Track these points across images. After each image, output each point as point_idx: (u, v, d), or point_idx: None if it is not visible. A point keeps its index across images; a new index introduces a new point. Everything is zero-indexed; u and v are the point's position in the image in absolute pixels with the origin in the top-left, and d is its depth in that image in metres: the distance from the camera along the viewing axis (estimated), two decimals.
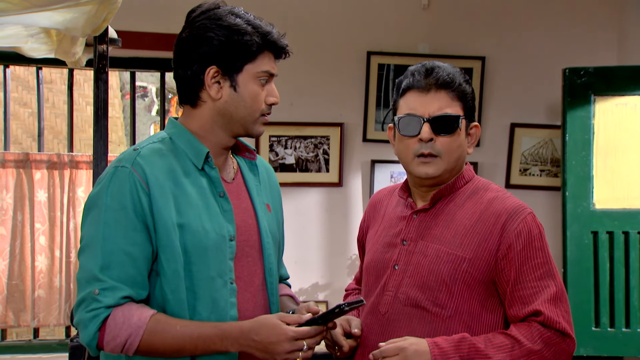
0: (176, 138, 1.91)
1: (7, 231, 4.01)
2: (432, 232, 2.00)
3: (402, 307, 1.97)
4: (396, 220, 2.09)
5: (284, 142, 4.33)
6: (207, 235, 1.83)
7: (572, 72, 3.95)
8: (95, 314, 1.76)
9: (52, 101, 6.36)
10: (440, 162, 1.99)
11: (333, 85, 4.38)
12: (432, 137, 1.98)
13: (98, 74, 2.48)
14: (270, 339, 1.76)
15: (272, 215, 2.04)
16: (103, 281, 1.76)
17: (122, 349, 1.77)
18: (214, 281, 1.84)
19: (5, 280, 4.00)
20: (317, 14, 4.35)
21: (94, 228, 1.80)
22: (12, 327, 4.14)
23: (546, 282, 1.94)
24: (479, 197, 2.02)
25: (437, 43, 4.43)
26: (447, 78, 1.98)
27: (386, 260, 2.04)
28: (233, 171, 2.00)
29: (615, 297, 3.88)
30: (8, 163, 4.01)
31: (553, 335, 1.91)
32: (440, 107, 1.98)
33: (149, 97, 7.84)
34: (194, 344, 1.78)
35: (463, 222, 1.98)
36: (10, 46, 2.84)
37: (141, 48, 4.13)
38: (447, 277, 1.94)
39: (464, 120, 2.01)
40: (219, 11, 1.88)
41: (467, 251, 1.95)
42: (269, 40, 1.88)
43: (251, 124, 1.91)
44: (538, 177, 4.48)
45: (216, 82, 1.87)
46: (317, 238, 4.26)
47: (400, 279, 1.99)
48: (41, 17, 2.19)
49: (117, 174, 1.82)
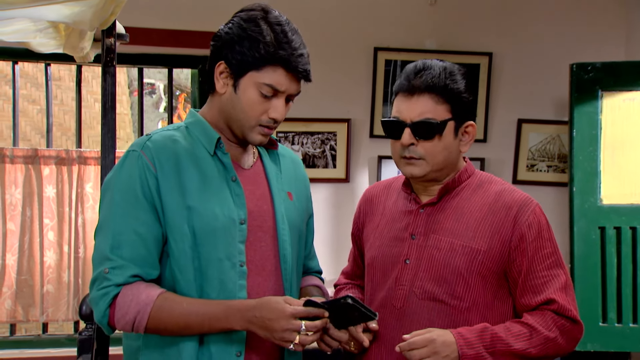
0: (192, 127, 1.98)
1: (16, 227, 4.03)
2: (442, 225, 2.02)
3: (418, 301, 1.99)
4: (400, 214, 2.10)
5: (291, 138, 4.34)
6: (215, 217, 1.88)
7: (579, 68, 3.94)
8: (106, 292, 1.83)
9: (61, 98, 6.40)
10: (424, 164, 2.01)
11: (340, 82, 4.39)
12: (412, 142, 2.00)
13: (106, 68, 2.50)
14: (268, 316, 1.79)
15: (293, 203, 2.07)
16: (113, 260, 1.84)
17: (132, 326, 1.84)
18: (222, 263, 1.89)
19: (14, 275, 4.02)
20: (324, 11, 4.35)
21: (107, 210, 1.89)
22: (21, 322, 4.15)
23: (556, 271, 2.00)
24: (485, 190, 2.05)
25: (444, 39, 4.43)
26: (430, 82, 1.98)
27: (395, 254, 2.06)
28: (252, 159, 2.05)
29: (623, 292, 3.87)
30: (17, 159, 4.03)
31: (566, 323, 1.97)
32: (421, 113, 1.98)
33: (156, 94, 7.87)
34: (199, 321, 1.83)
35: (473, 214, 2.01)
36: (19, 41, 2.85)
37: (149, 44, 4.14)
38: (464, 269, 1.97)
39: (452, 122, 2.00)
40: (253, 13, 1.92)
41: (481, 243, 1.98)
42: (279, 56, 1.88)
43: (247, 130, 1.95)
44: (545, 172, 4.48)
45: (224, 78, 1.93)
46: (324, 233, 4.27)
47: (413, 273, 2.01)
48: (49, 11, 2.22)
49: (129, 158, 1.90)
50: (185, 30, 4.08)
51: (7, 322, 4.09)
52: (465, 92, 2.02)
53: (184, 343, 1.87)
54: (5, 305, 4.01)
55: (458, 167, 2.09)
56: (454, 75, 2.01)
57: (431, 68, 2.00)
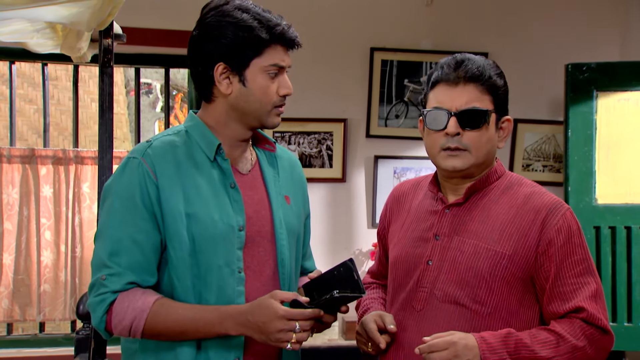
0: (192, 131, 1.97)
1: (13, 226, 4.04)
2: (467, 227, 1.98)
3: (439, 304, 1.95)
4: (426, 214, 2.06)
5: (287, 138, 4.35)
6: (214, 224, 1.88)
7: (574, 68, 3.96)
8: (102, 298, 1.85)
9: (57, 98, 6.41)
10: (468, 156, 1.97)
11: (336, 82, 4.40)
12: (458, 132, 1.95)
13: (103, 68, 2.51)
14: (262, 319, 1.79)
15: (290, 207, 2.07)
16: (110, 267, 1.85)
17: (129, 332, 1.85)
18: (221, 270, 1.89)
19: (11, 274, 4.03)
20: (320, 10, 4.37)
21: (106, 216, 1.89)
22: (19, 322, 4.16)
23: (586, 278, 1.92)
24: (514, 192, 2.00)
25: (440, 39, 4.45)
26: (476, 71, 1.96)
27: (418, 255, 2.02)
28: (250, 163, 2.04)
29: (618, 291, 3.89)
30: (14, 158, 4.04)
31: (595, 332, 1.89)
32: (468, 101, 1.96)
33: (153, 93, 7.88)
34: (195, 326, 1.84)
35: (500, 217, 1.96)
36: (17, 41, 2.86)
37: (145, 44, 4.15)
38: (487, 273, 1.92)
39: (494, 114, 1.98)
40: (226, 7, 1.91)
41: (506, 247, 1.93)
42: (276, 34, 1.90)
43: (265, 116, 1.95)
44: (541, 172, 4.50)
45: (226, 78, 1.92)
46: (320, 233, 4.28)
47: (435, 275, 1.97)
48: (47, 12, 2.23)
49: (129, 165, 1.90)
50: (181, 30, 4.05)
51: (4, 321, 4.10)
52: (503, 86, 2.01)
53: (181, 348, 1.88)
54: (3, 304, 4.02)
55: (491, 165, 2.04)
56: (496, 69, 2.01)
57: (472, 60, 1.99)
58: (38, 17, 2.34)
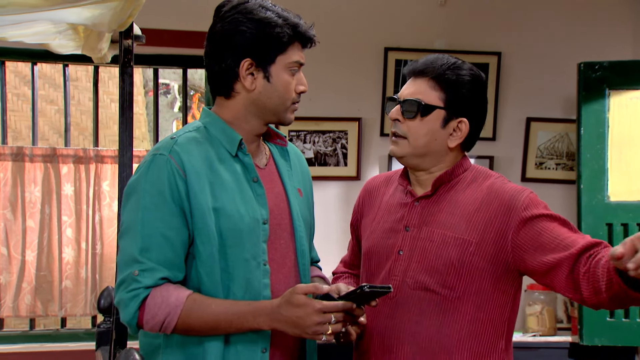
0: (210, 127, 2.00)
1: (35, 224, 4.11)
2: (436, 218, 2.05)
3: (410, 291, 2.03)
4: (396, 207, 2.14)
5: (303, 137, 4.41)
6: (241, 219, 1.92)
7: (587, 67, 3.99)
8: (136, 294, 1.85)
9: (78, 98, 6.49)
10: (405, 144, 2.06)
11: (351, 81, 4.46)
12: (397, 118, 2.07)
13: (123, 68, 2.58)
14: (298, 314, 1.83)
15: (303, 199, 2.12)
16: (142, 263, 1.85)
17: (160, 327, 1.87)
18: (248, 263, 1.93)
19: (33, 271, 4.10)
20: (334, 11, 4.42)
21: (134, 213, 1.90)
22: (41, 317, 4.24)
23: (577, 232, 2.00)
24: (478, 184, 2.08)
25: (454, 39, 4.49)
26: (431, 67, 2.06)
27: (389, 246, 2.10)
28: (265, 157, 2.08)
29: None
30: (36, 158, 4.12)
31: None
32: (412, 93, 2.07)
33: (171, 94, 7.94)
34: (228, 321, 1.87)
35: (467, 207, 2.04)
36: (39, 42, 2.94)
37: (164, 45, 4.22)
38: (456, 260, 2.00)
39: (443, 111, 2.05)
40: (249, 5, 1.96)
41: (473, 235, 2.00)
42: (299, 32, 1.97)
43: (283, 113, 2.00)
44: (554, 170, 4.52)
45: (250, 74, 1.95)
46: (335, 230, 4.33)
47: (406, 264, 2.05)
48: (70, 14, 2.29)
49: (155, 162, 1.91)
50: (199, 31, 4.10)
51: (27, 316, 4.19)
52: (465, 87, 2.05)
53: (209, 342, 1.90)
54: (25, 300, 4.10)
55: (449, 161, 2.11)
56: (458, 69, 2.06)
57: (439, 59, 2.08)
58: (61, 19, 2.41)
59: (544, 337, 4.18)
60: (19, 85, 6.37)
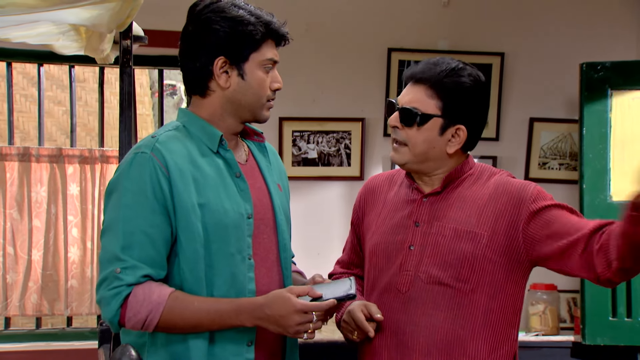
0: (189, 125, 2.01)
1: (41, 223, 4.14)
2: (446, 213, 2.09)
3: (423, 285, 2.06)
4: (403, 203, 2.17)
5: (306, 137, 4.43)
6: (226, 214, 1.94)
7: (589, 67, 3.99)
8: (117, 291, 1.86)
9: (85, 99, 6.50)
10: (405, 151, 2.10)
11: (354, 82, 4.47)
12: (397, 125, 2.09)
13: (123, 68, 2.61)
14: (280, 312, 1.85)
15: (282, 194, 2.14)
16: (124, 260, 1.86)
17: (142, 325, 1.87)
18: (233, 257, 1.94)
19: (40, 270, 4.13)
20: (338, 12, 4.44)
21: (115, 211, 1.90)
22: (47, 316, 4.27)
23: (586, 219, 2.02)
24: (485, 180, 2.13)
25: (457, 40, 4.50)
26: (428, 74, 2.06)
27: (398, 241, 2.12)
28: (245, 154, 2.10)
29: (632, 287, 3.90)
30: (42, 158, 4.15)
31: None
32: (410, 100, 2.08)
33: (177, 95, 7.97)
34: (210, 319, 1.88)
35: (476, 202, 2.08)
36: (43, 43, 2.97)
37: (168, 46, 4.21)
38: (469, 253, 2.04)
39: (440, 119, 2.07)
40: (221, 4, 1.98)
41: (484, 229, 2.05)
42: (272, 29, 1.99)
43: (258, 110, 2.02)
44: (557, 170, 4.53)
45: (224, 72, 1.97)
46: (339, 230, 4.34)
47: (418, 259, 2.07)
48: (69, 14, 2.32)
49: (137, 159, 1.91)
50: None
51: (33, 315, 4.21)
52: (464, 94, 2.07)
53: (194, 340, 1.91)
54: (32, 299, 4.12)
55: (451, 164, 2.14)
56: (457, 75, 2.06)
57: (440, 64, 2.08)
58: (61, 20, 2.44)
59: (546, 336, 4.17)
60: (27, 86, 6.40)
